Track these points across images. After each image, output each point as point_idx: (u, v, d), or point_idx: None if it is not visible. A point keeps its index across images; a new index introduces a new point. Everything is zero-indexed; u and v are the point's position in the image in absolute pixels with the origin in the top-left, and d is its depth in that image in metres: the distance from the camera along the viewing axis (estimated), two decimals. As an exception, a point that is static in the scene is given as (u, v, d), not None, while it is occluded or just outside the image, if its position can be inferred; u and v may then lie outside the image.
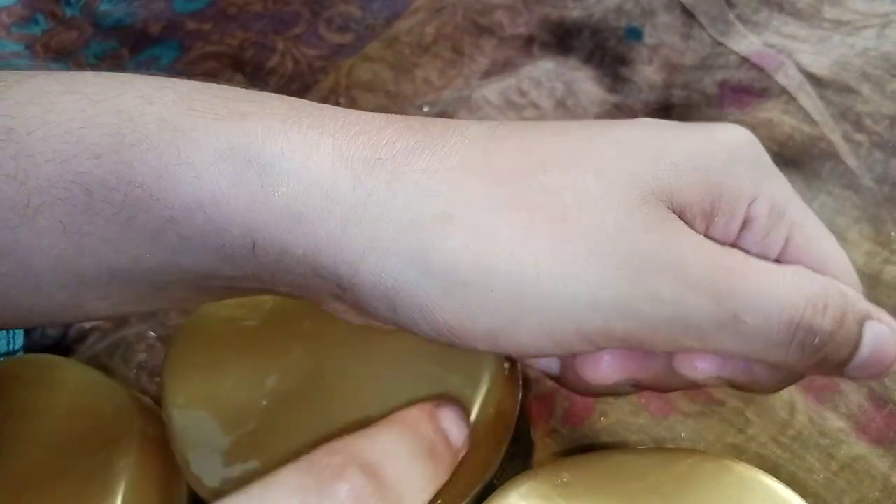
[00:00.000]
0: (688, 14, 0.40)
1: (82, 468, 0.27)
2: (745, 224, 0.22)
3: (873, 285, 0.31)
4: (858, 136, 0.35)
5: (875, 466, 0.28)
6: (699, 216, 0.21)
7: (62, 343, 0.37)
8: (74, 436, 0.28)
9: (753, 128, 0.35)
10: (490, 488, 0.25)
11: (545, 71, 0.41)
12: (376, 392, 0.25)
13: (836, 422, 0.29)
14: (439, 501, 0.24)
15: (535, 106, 0.40)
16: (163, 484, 0.28)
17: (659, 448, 0.28)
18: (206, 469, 0.25)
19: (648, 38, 0.40)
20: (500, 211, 0.20)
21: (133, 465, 0.27)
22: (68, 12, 0.46)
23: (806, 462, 0.28)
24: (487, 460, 0.25)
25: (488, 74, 0.42)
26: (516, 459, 0.27)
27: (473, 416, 0.24)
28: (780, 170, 0.34)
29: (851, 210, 0.33)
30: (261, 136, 0.20)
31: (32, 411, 0.29)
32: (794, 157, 0.35)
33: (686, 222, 0.21)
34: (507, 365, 0.25)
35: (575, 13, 0.42)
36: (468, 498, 0.25)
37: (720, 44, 0.39)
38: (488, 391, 0.24)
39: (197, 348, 0.28)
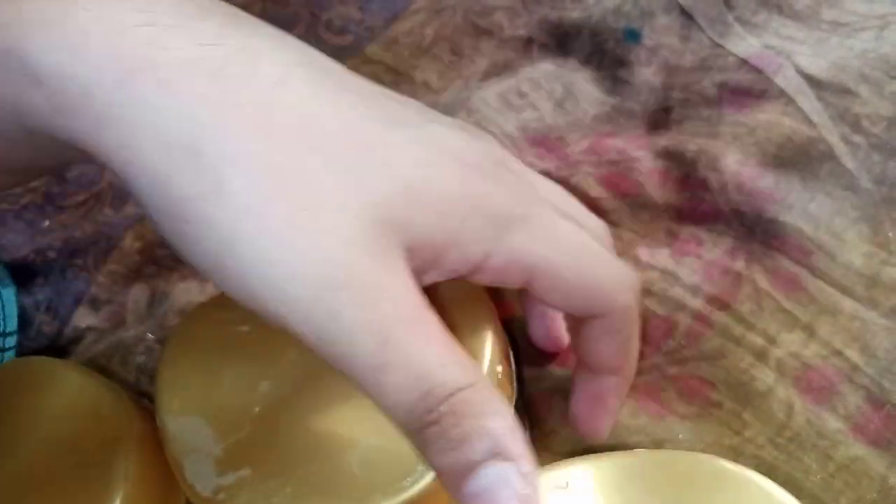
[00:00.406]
0: (686, 16, 0.40)
1: (81, 471, 0.27)
2: (477, 268, 0.23)
3: (871, 286, 0.31)
4: (856, 138, 0.35)
5: (872, 467, 0.28)
6: (429, 251, 0.22)
7: (57, 342, 0.37)
8: (73, 438, 0.28)
9: (752, 129, 0.36)
10: None
11: (544, 73, 0.41)
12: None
13: (833, 423, 0.29)
14: None
15: (533, 107, 0.40)
16: (162, 487, 0.28)
17: (656, 451, 0.28)
18: (200, 477, 0.25)
19: (647, 40, 0.40)
20: (254, 189, 0.20)
21: (132, 467, 0.27)
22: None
23: (803, 463, 0.28)
24: None
25: (487, 76, 0.42)
26: None
27: None
28: (779, 171, 0.34)
29: (850, 211, 0.33)
30: (28, 21, 0.20)
31: (31, 414, 0.29)
32: (792, 159, 0.35)
33: (412, 253, 0.21)
34: (499, 368, 0.26)
35: (574, 15, 0.42)
36: None
37: (719, 45, 0.39)
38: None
39: (190, 354, 0.28)
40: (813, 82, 0.36)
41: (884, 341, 0.30)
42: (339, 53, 0.43)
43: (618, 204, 0.36)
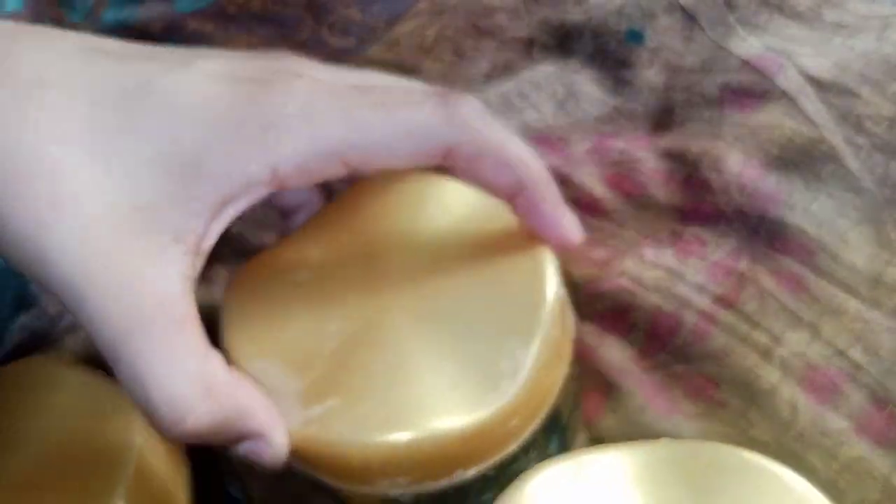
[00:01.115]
0: (688, 17, 0.40)
1: (85, 470, 0.27)
2: (279, 183, 0.24)
3: (874, 286, 0.31)
4: (859, 139, 0.35)
5: (876, 467, 0.28)
6: (207, 209, 0.23)
7: (57, 325, 0.36)
8: (77, 438, 0.28)
9: (754, 130, 0.36)
10: (556, 412, 0.27)
11: (545, 74, 0.41)
12: (438, 326, 0.26)
13: (837, 422, 0.29)
14: (515, 420, 0.25)
15: (535, 108, 0.40)
16: (166, 484, 0.28)
17: (679, 440, 0.28)
18: (286, 413, 0.25)
19: (649, 41, 0.40)
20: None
21: (135, 468, 0.27)
22: (73, 19, 0.46)
23: (808, 462, 0.28)
24: (553, 381, 0.26)
25: (489, 77, 0.42)
26: (573, 382, 0.28)
27: (539, 340, 0.25)
28: (782, 172, 0.34)
29: (852, 212, 0.33)
30: None
31: (34, 413, 0.29)
32: (794, 160, 0.35)
33: (189, 224, 0.23)
34: (561, 292, 0.27)
35: (575, 16, 0.42)
36: (540, 417, 0.26)
37: (721, 47, 0.39)
38: (552, 313, 0.26)
39: (253, 305, 0.28)
40: (815, 83, 0.36)
41: (887, 342, 0.30)
42: (340, 55, 0.43)
43: (621, 204, 0.36)
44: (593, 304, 0.33)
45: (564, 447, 0.28)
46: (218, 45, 0.43)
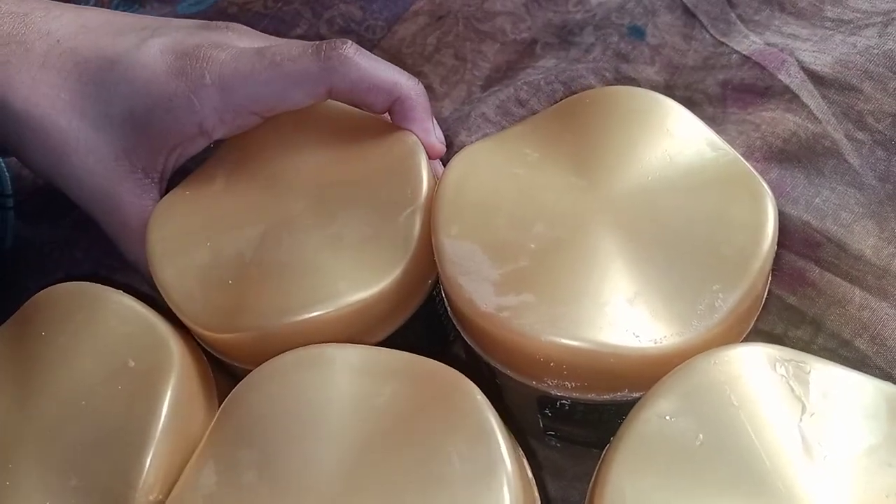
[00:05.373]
0: (689, 14, 0.40)
1: (126, 391, 0.27)
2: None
3: (881, 276, 0.31)
4: (860, 135, 0.35)
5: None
6: (168, 146, 0.32)
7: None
8: (117, 365, 0.28)
9: (757, 126, 0.35)
10: None
11: (545, 71, 0.41)
12: (647, 249, 0.26)
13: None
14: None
15: (534, 113, 0.40)
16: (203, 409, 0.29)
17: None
18: (479, 294, 0.26)
19: (651, 38, 0.40)
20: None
21: (175, 393, 0.27)
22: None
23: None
24: (741, 332, 0.27)
25: (490, 81, 0.42)
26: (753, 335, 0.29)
27: (744, 291, 0.25)
28: (784, 165, 0.34)
29: (855, 207, 0.33)
30: None
31: (76, 338, 0.29)
32: (797, 154, 0.35)
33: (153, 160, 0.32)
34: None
35: (577, 16, 0.42)
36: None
37: (722, 43, 0.39)
38: (763, 266, 0.26)
39: (468, 187, 0.29)
40: (816, 79, 0.36)
41: (895, 331, 0.30)
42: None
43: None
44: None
45: None
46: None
